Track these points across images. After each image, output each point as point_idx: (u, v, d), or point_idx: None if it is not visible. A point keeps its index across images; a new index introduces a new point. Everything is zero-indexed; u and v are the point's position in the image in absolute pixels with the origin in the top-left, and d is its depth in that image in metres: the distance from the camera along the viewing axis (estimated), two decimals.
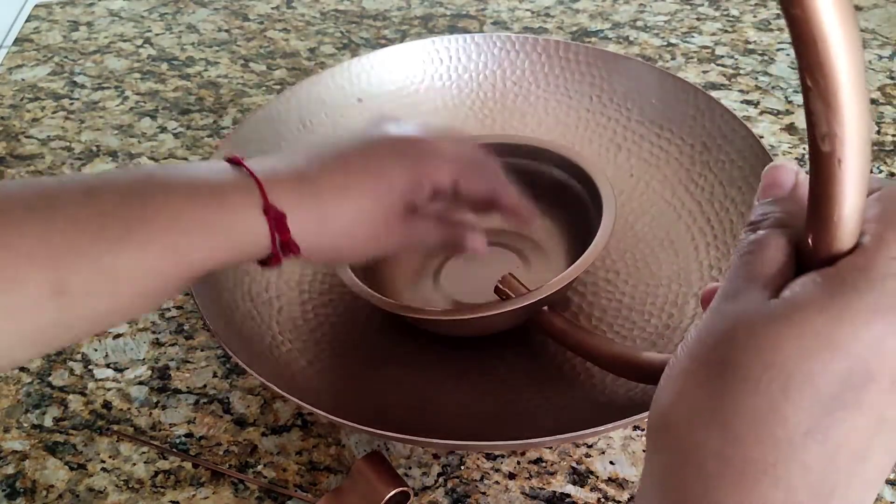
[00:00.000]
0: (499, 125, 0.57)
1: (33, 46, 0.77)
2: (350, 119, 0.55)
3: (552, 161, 0.50)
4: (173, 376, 0.47)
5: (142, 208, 0.31)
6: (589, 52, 0.56)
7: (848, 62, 0.20)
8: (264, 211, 0.33)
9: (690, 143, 0.52)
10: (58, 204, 0.30)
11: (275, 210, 0.33)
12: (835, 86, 0.20)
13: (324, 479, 0.42)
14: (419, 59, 0.57)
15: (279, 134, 0.53)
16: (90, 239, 0.30)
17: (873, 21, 0.74)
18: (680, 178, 0.51)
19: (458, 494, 0.41)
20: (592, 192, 0.47)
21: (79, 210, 0.30)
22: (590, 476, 0.41)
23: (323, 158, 0.36)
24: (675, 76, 0.53)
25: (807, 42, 0.20)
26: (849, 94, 0.20)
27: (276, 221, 0.34)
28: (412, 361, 0.46)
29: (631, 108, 0.55)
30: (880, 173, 0.57)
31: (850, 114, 0.20)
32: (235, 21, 0.79)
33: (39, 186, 0.31)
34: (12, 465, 0.43)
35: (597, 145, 0.55)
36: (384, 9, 0.80)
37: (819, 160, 0.22)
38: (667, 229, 0.50)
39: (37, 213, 0.30)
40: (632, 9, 0.77)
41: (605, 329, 0.46)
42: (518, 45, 0.57)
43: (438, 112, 0.57)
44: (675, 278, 0.47)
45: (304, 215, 0.34)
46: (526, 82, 0.57)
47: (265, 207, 0.33)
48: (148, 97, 0.69)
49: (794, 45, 0.20)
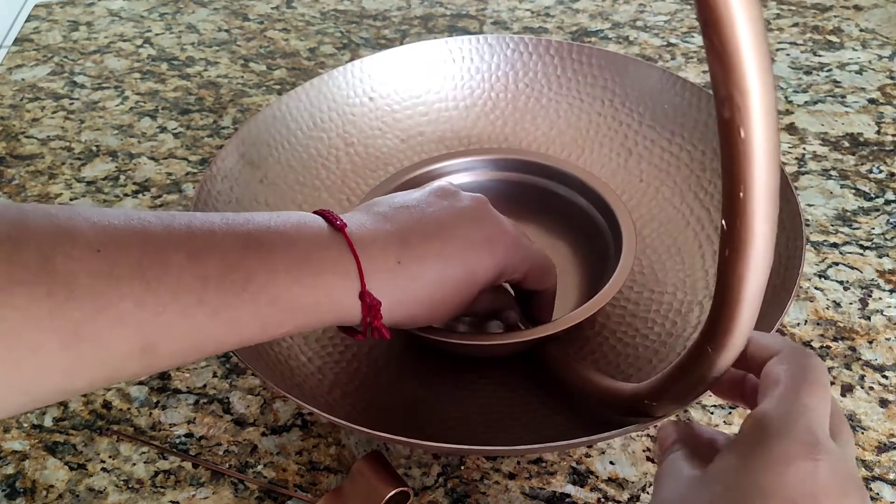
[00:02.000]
0: (510, 127, 0.57)
1: (33, 46, 0.77)
2: (360, 118, 0.55)
3: (575, 186, 0.50)
4: (173, 376, 0.47)
5: (244, 283, 0.31)
6: (602, 55, 0.56)
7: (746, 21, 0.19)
8: (360, 296, 0.34)
9: (701, 149, 0.51)
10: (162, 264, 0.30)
11: (371, 297, 0.34)
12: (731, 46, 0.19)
13: (324, 479, 0.42)
14: (431, 59, 0.57)
15: (289, 130, 0.53)
16: (186, 310, 0.30)
17: (873, 21, 0.74)
18: (690, 185, 0.51)
19: (458, 494, 0.41)
20: (612, 224, 0.47)
21: (181, 275, 0.30)
22: (590, 476, 0.41)
23: (420, 237, 0.36)
24: (686, 81, 0.53)
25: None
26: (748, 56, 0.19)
27: (371, 307, 0.34)
28: (414, 364, 0.46)
29: (643, 113, 0.54)
30: (880, 173, 0.57)
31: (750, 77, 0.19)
32: (235, 21, 0.79)
33: (143, 233, 0.30)
34: (12, 465, 0.43)
35: (607, 149, 0.55)
36: (384, 9, 0.80)
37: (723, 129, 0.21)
38: (674, 236, 0.50)
39: (140, 272, 0.29)
40: (632, 9, 0.77)
41: (608, 335, 0.46)
42: (531, 47, 0.57)
43: (450, 112, 0.57)
44: (681, 286, 0.47)
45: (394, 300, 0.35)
46: (538, 84, 0.57)
47: (362, 293, 0.34)
48: (148, 97, 0.69)
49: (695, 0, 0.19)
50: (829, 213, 0.54)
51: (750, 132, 0.20)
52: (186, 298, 0.30)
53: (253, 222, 0.33)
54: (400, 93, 0.57)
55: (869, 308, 0.48)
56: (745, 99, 0.20)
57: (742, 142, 0.20)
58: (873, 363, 0.45)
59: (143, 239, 0.30)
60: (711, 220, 0.49)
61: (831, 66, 0.68)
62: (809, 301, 0.49)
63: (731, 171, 0.21)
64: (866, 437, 0.42)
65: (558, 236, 0.51)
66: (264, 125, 0.52)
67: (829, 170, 0.58)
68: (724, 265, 0.25)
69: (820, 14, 0.75)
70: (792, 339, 0.47)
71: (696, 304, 0.46)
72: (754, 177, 0.21)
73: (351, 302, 0.34)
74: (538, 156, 0.52)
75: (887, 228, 0.53)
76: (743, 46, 0.19)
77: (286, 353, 0.44)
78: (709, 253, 0.48)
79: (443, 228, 0.37)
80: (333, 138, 0.54)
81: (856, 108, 0.64)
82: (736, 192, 0.22)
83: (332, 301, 0.33)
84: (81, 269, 0.28)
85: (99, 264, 0.28)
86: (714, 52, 0.19)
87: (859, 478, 0.30)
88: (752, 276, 0.24)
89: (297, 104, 0.54)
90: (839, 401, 0.43)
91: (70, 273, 0.28)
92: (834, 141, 0.60)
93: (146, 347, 0.30)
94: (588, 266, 0.49)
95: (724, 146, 0.21)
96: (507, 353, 0.44)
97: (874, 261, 0.51)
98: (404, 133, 0.56)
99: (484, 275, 0.38)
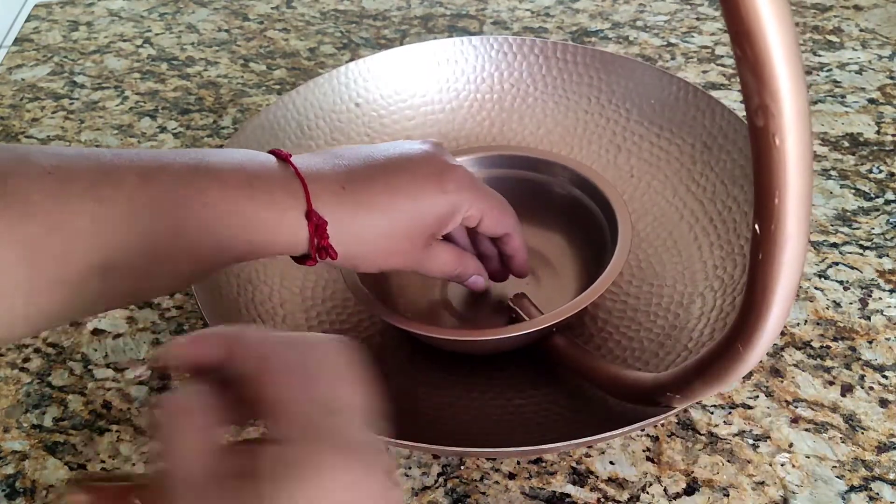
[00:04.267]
0: (497, 128, 0.57)
1: (33, 46, 0.77)
2: (347, 124, 0.55)
3: (568, 177, 0.50)
4: (173, 376, 0.47)
5: (197, 196, 0.32)
6: (587, 53, 0.56)
7: (777, 30, 0.19)
8: (306, 215, 0.34)
9: (691, 142, 0.52)
10: (114, 183, 0.31)
11: (317, 216, 0.35)
12: (764, 56, 0.19)
13: None
14: (416, 63, 0.57)
15: (277, 139, 0.53)
16: (141, 223, 0.31)
17: (873, 21, 0.74)
18: (681, 178, 0.51)
19: (458, 494, 0.41)
20: (607, 213, 0.47)
21: (133, 192, 0.31)
22: (590, 476, 0.41)
23: (367, 168, 0.37)
24: (673, 76, 0.53)
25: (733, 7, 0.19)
26: (780, 64, 0.19)
27: (318, 227, 0.35)
28: (415, 366, 0.46)
29: (630, 109, 0.55)
30: (880, 173, 0.57)
31: (783, 86, 0.19)
32: (235, 21, 0.79)
33: (96, 161, 0.31)
34: (12, 465, 0.43)
35: (596, 146, 0.55)
36: (384, 9, 0.80)
37: (756, 137, 0.21)
38: (669, 230, 0.50)
39: (93, 192, 0.30)
40: (632, 9, 0.77)
41: (612, 330, 0.46)
42: (515, 47, 0.57)
43: (436, 115, 0.57)
44: (680, 279, 0.47)
45: (341, 223, 0.35)
46: (524, 84, 0.57)
47: (308, 212, 0.34)
48: (148, 97, 0.69)
49: (723, 12, 0.19)
50: (829, 212, 0.54)
51: (785, 140, 0.20)
52: (141, 214, 0.31)
53: (202, 152, 0.35)
54: (386, 98, 0.57)
55: (869, 308, 0.48)
56: (779, 107, 0.20)
57: (777, 149, 0.21)
58: (873, 363, 0.45)
59: (95, 163, 0.31)
60: (705, 212, 0.49)
61: (831, 65, 0.68)
62: (809, 301, 0.49)
63: (765, 177, 0.21)
64: (866, 437, 0.42)
65: (553, 228, 0.51)
66: (253, 136, 0.51)
67: (828, 170, 0.58)
68: (758, 267, 0.25)
69: (820, 14, 0.75)
70: (792, 338, 0.47)
71: (698, 296, 0.46)
72: (789, 183, 0.21)
73: (298, 221, 0.34)
74: (526, 150, 0.52)
75: (887, 228, 0.53)
76: (776, 56, 0.19)
77: None
78: (705, 245, 0.48)
79: (391, 162, 0.38)
80: (322, 146, 0.54)
81: (856, 108, 0.64)
82: (770, 197, 0.22)
83: (280, 219, 0.34)
84: (34, 188, 0.29)
85: (51, 184, 0.30)
86: (746, 63, 0.19)
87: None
88: (786, 277, 0.25)
89: (285, 113, 0.54)
90: (839, 401, 0.43)
91: (24, 191, 0.29)
92: (834, 141, 0.60)
93: (105, 264, 0.30)
94: (585, 256, 0.49)
95: (757, 153, 0.21)
96: (510, 347, 0.44)
97: (874, 261, 0.51)
98: (392, 138, 0.56)
99: (434, 210, 0.38)
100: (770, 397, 0.44)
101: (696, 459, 0.41)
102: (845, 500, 0.39)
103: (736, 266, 0.45)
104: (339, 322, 0.47)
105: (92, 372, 0.48)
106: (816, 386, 0.44)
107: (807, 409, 0.43)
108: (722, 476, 0.40)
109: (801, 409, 0.43)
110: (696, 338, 0.43)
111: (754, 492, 0.39)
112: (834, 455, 0.41)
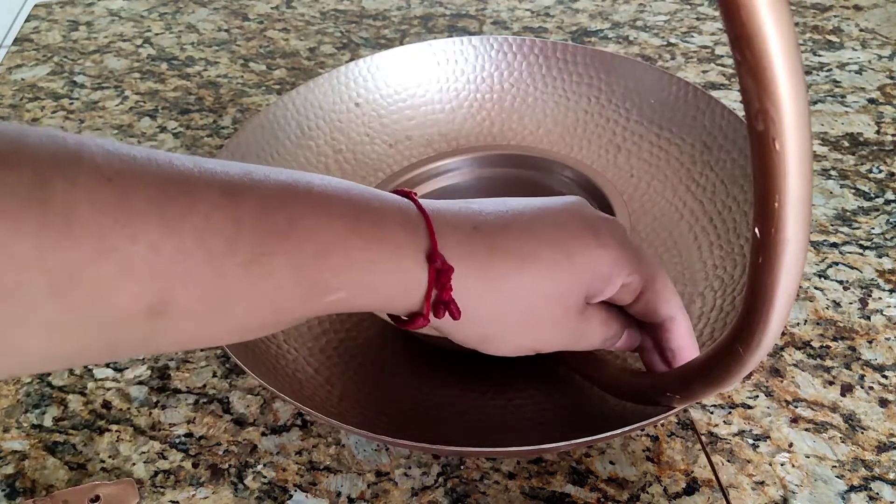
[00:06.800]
0: (497, 127, 0.57)
1: (33, 46, 0.77)
2: (347, 124, 0.55)
3: (568, 177, 0.50)
4: (173, 376, 0.47)
5: (287, 224, 0.25)
6: (586, 52, 0.56)
7: (777, 35, 0.19)
8: (428, 258, 0.27)
9: (690, 142, 0.52)
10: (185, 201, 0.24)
11: (443, 260, 0.28)
12: (764, 60, 0.19)
13: (324, 479, 0.42)
14: (415, 62, 0.57)
15: (277, 139, 0.53)
16: (212, 258, 0.24)
17: (873, 21, 0.74)
18: (681, 178, 0.51)
19: (457, 494, 0.41)
20: (607, 212, 0.46)
21: (210, 214, 0.24)
22: (590, 476, 0.41)
23: (504, 214, 0.30)
24: (672, 75, 0.53)
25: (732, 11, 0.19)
26: (780, 69, 0.19)
27: (440, 274, 0.28)
28: (416, 366, 0.46)
29: (630, 109, 0.55)
30: (880, 173, 0.57)
31: (784, 90, 0.19)
32: (235, 21, 0.79)
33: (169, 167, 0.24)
34: (12, 465, 0.43)
35: (596, 146, 0.55)
36: (384, 9, 0.80)
37: (756, 141, 0.21)
38: (669, 230, 0.50)
39: (159, 211, 0.23)
40: (632, 9, 0.77)
41: None
42: (515, 46, 0.57)
43: (436, 115, 0.57)
44: (680, 278, 0.47)
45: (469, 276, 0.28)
46: (524, 84, 0.57)
47: (431, 254, 0.27)
48: (148, 97, 0.69)
49: (722, 15, 0.19)
50: (829, 212, 0.54)
51: (785, 144, 0.20)
52: (214, 243, 0.24)
53: (296, 172, 0.28)
54: (386, 97, 0.57)
55: (869, 308, 0.48)
56: (779, 112, 0.20)
57: (777, 154, 0.20)
58: (873, 363, 0.45)
59: (167, 173, 0.24)
60: (705, 212, 0.49)
61: (831, 65, 0.68)
62: (809, 301, 0.49)
63: (765, 181, 0.21)
64: (866, 437, 0.42)
65: None
66: (252, 137, 0.51)
67: (828, 169, 0.58)
68: (758, 270, 0.25)
69: (820, 14, 0.75)
70: (792, 338, 0.47)
71: (698, 296, 0.46)
72: (789, 187, 0.21)
73: (416, 264, 0.27)
74: (525, 149, 0.53)
75: (887, 228, 0.53)
76: (776, 60, 0.19)
77: (286, 356, 0.44)
78: (705, 245, 0.48)
79: (530, 209, 0.31)
80: (322, 146, 0.55)
81: (855, 107, 0.64)
82: (770, 201, 0.22)
83: (392, 259, 0.27)
84: (85, 198, 0.22)
85: (108, 195, 0.22)
86: (746, 67, 0.19)
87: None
88: (786, 281, 0.25)
89: (284, 113, 0.54)
90: (839, 400, 0.43)
91: (70, 203, 0.22)
92: (833, 141, 0.60)
93: (156, 306, 0.24)
94: None
95: (757, 157, 0.21)
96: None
97: (874, 260, 0.51)
98: (392, 138, 0.56)
99: (591, 266, 0.30)
100: (770, 397, 0.44)
101: (696, 459, 0.41)
102: (845, 500, 0.39)
103: (736, 266, 0.45)
104: (340, 322, 0.47)
105: (92, 372, 0.48)
106: (816, 386, 0.44)
107: (807, 409, 0.43)
108: (722, 476, 0.40)
109: (801, 408, 0.43)
110: (696, 338, 0.43)
111: (754, 492, 0.39)
112: (834, 455, 0.41)
